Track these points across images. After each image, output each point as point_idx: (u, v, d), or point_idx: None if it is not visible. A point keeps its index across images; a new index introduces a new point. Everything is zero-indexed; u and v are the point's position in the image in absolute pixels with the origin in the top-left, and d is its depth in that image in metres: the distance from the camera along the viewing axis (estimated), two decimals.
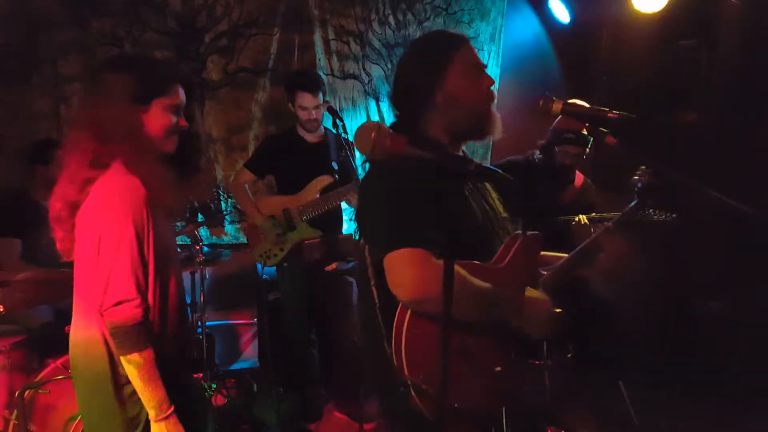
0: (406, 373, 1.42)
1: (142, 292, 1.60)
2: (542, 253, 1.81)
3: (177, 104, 1.72)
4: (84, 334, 1.67)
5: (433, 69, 1.63)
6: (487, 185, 1.77)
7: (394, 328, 1.46)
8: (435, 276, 1.25)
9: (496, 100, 1.69)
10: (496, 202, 1.76)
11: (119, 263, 1.57)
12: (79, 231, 1.66)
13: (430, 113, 1.64)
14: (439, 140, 1.65)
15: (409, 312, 1.45)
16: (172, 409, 1.63)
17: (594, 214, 2.95)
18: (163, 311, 1.69)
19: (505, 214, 1.75)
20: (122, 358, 1.59)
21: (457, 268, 1.43)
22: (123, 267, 1.57)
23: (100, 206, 1.61)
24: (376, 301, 1.55)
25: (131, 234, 1.58)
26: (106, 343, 1.63)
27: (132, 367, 1.58)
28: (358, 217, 1.65)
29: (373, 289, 1.56)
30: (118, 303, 1.57)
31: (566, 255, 1.94)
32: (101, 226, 1.59)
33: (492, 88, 1.67)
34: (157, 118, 1.69)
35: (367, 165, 1.69)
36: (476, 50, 1.69)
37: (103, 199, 1.61)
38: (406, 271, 1.42)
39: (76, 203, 1.65)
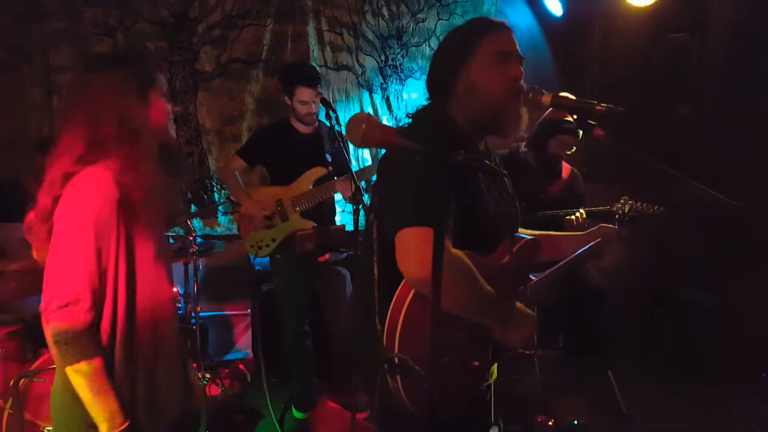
0: (396, 350, 1.41)
1: (94, 296, 1.46)
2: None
3: (166, 89, 1.69)
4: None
5: (456, 56, 1.59)
6: (506, 181, 1.76)
7: (392, 305, 1.46)
8: (445, 259, 1.22)
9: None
10: (513, 198, 1.75)
11: (72, 263, 1.44)
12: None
13: (453, 101, 1.61)
14: (461, 129, 1.61)
15: (412, 291, 1.44)
16: (128, 423, 1.46)
17: (592, 208, 2.97)
18: (130, 318, 1.54)
19: (518, 211, 1.75)
20: (68, 369, 1.43)
21: (471, 264, 1.45)
22: (75, 267, 1.44)
23: (66, 203, 1.50)
24: (376, 277, 1.52)
25: (90, 235, 1.46)
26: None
27: (79, 377, 1.43)
28: (374, 190, 1.61)
29: (375, 264, 1.53)
30: (65, 305, 1.42)
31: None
32: (61, 224, 1.48)
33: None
34: (158, 109, 1.65)
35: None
36: (513, 40, 1.60)
37: (71, 195, 1.50)
38: (417, 249, 1.38)
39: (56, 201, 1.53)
